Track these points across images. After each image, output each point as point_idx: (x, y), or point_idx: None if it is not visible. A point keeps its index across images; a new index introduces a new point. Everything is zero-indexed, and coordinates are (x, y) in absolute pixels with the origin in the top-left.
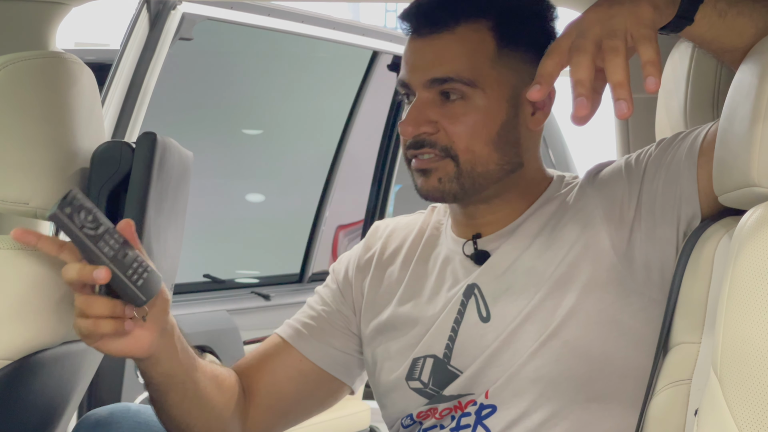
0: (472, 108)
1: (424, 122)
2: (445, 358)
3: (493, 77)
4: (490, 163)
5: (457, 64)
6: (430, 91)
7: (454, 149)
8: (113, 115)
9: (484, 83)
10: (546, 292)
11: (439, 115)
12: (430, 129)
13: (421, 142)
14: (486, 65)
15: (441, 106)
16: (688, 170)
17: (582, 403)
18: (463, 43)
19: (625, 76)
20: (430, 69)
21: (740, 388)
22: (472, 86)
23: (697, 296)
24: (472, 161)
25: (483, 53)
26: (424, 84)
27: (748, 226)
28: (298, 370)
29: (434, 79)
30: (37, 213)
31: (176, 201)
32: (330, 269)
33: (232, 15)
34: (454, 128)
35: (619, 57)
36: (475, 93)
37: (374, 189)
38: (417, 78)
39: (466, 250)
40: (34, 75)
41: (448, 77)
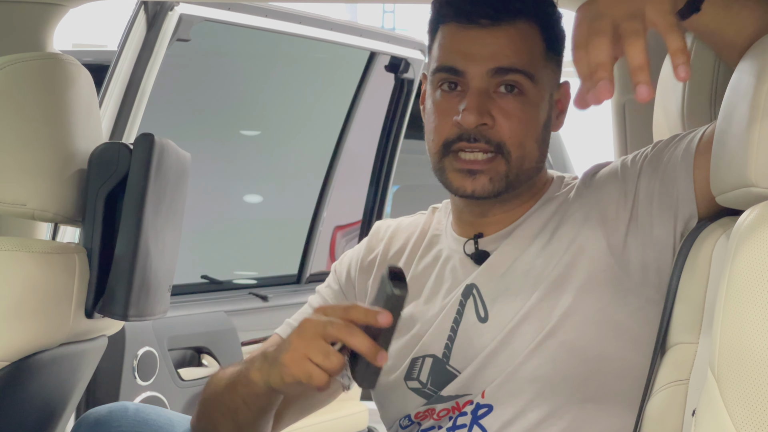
0: (528, 103)
1: (486, 112)
2: (444, 358)
3: (543, 74)
4: (533, 161)
5: (522, 55)
6: (488, 81)
7: (507, 146)
8: (111, 117)
9: (539, 78)
10: (543, 292)
11: (496, 108)
12: (489, 121)
13: (477, 135)
14: (540, 62)
15: (497, 98)
16: (685, 171)
17: (579, 403)
18: (525, 38)
19: (647, 59)
20: (494, 58)
21: (738, 388)
22: (531, 80)
23: (695, 296)
24: (522, 158)
25: (537, 50)
26: (486, 73)
27: (746, 225)
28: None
29: (499, 69)
30: (35, 214)
31: (174, 202)
32: (332, 269)
33: (229, 16)
34: (509, 123)
35: (640, 39)
36: (532, 88)
37: (372, 190)
38: (477, 67)
39: (466, 249)
40: (31, 76)
41: (513, 67)
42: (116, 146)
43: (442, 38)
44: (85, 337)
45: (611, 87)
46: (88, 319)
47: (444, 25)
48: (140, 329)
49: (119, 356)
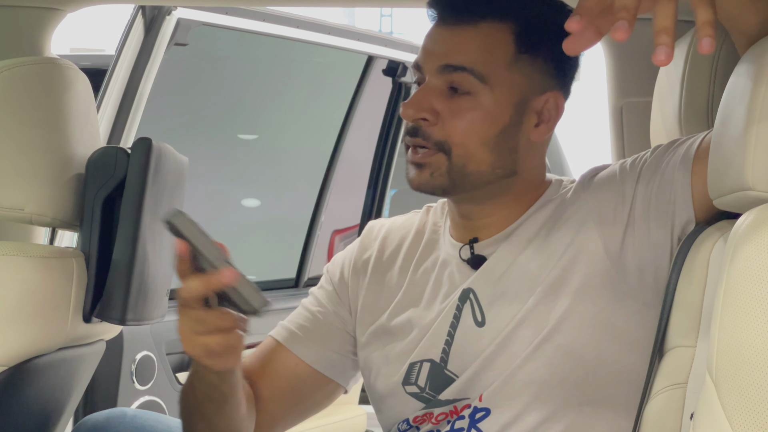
0: (477, 105)
1: (426, 108)
2: (442, 362)
3: (505, 79)
4: (483, 164)
5: (473, 56)
6: (440, 79)
7: (449, 144)
8: (108, 121)
9: (494, 82)
10: (540, 296)
11: (443, 106)
12: (430, 117)
13: (417, 130)
14: (501, 65)
15: (447, 97)
16: (683, 176)
17: (576, 407)
18: (484, 39)
19: (674, 23)
20: (447, 55)
21: (736, 392)
22: (482, 82)
23: (693, 299)
24: (465, 158)
25: (501, 53)
26: (437, 69)
27: (743, 229)
28: (295, 373)
29: (447, 65)
30: (33, 219)
31: (171, 206)
32: (324, 270)
33: (227, 20)
34: (454, 122)
35: (672, 2)
36: (483, 90)
37: (370, 193)
38: (430, 63)
39: (462, 255)
40: (29, 81)
41: (461, 66)
42: (114, 150)
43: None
44: (82, 341)
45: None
46: (85, 323)
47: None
48: (138, 333)
49: (117, 361)
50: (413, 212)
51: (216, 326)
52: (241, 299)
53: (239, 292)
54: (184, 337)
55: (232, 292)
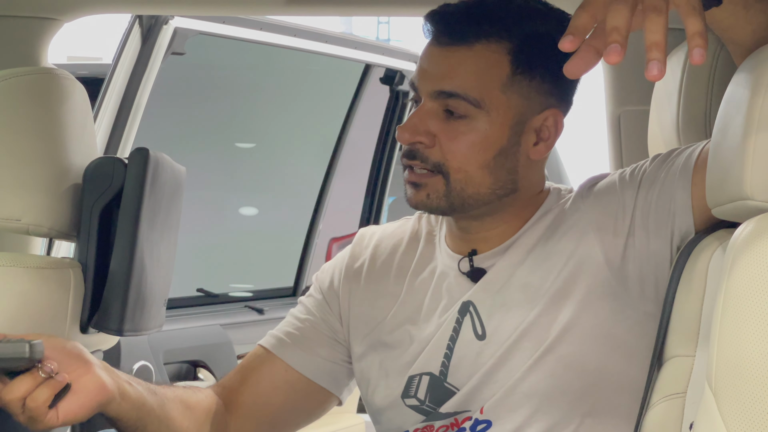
0: (473, 129)
1: (422, 132)
2: (441, 376)
3: (500, 101)
4: (482, 186)
5: (467, 81)
6: (435, 102)
7: (447, 167)
8: (105, 131)
9: (490, 106)
10: (542, 307)
11: (439, 129)
12: (427, 141)
13: (414, 153)
14: (496, 88)
15: (443, 120)
16: (683, 186)
17: (577, 418)
18: (478, 61)
19: (665, 37)
20: (440, 80)
21: (735, 402)
22: (476, 107)
23: (691, 309)
24: (463, 181)
25: (495, 75)
26: (431, 94)
27: (742, 238)
28: (284, 380)
29: (441, 92)
30: (29, 229)
31: (169, 216)
32: (313, 278)
33: (224, 29)
34: (451, 146)
35: (661, 17)
36: (478, 114)
37: (367, 201)
38: (425, 86)
39: (461, 267)
40: (25, 91)
41: (455, 92)
42: (111, 161)
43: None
44: None
45: (622, 52)
46: (83, 334)
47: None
48: (136, 344)
49: None
50: (405, 219)
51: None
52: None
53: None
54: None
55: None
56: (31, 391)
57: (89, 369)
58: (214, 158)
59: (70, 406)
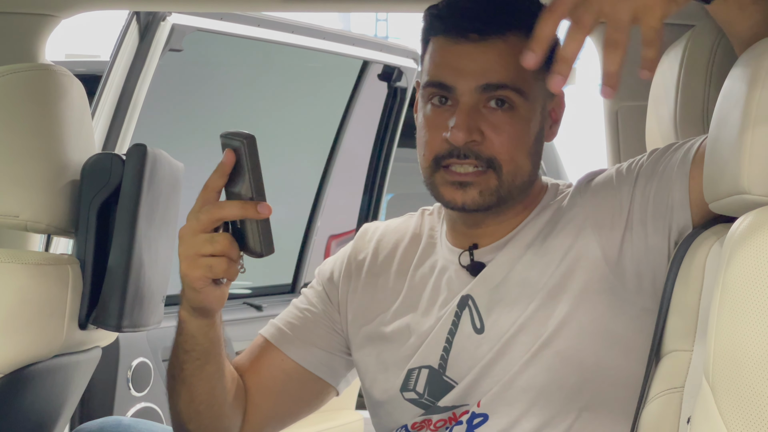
0: (518, 118)
1: (475, 129)
2: (440, 369)
3: (534, 88)
4: (526, 175)
5: (510, 71)
6: (478, 98)
7: (498, 161)
8: (103, 127)
9: (529, 92)
10: (539, 302)
11: (485, 123)
12: (478, 137)
13: (467, 151)
14: (530, 75)
15: (487, 114)
16: (680, 181)
17: (574, 412)
18: (514, 52)
19: (620, 69)
20: (484, 74)
21: (732, 396)
22: (521, 95)
23: (689, 304)
24: (514, 173)
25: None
26: (475, 89)
27: (739, 233)
28: (282, 370)
29: (488, 85)
30: (28, 226)
31: (167, 212)
32: (316, 271)
33: (222, 26)
34: (500, 139)
35: (619, 50)
36: (522, 102)
37: (366, 198)
38: (467, 83)
39: (462, 261)
40: (23, 88)
41: (503, 84)
42: (109, 157)
43: (432, 51)
44: (78, 348)
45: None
46: (81, 330)
47: (435, 37)
48: (134, 340)
49: (113, 367)
50: (408, 215)
51: (224, 251)
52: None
53: (259, 231)
54: (186, 256)
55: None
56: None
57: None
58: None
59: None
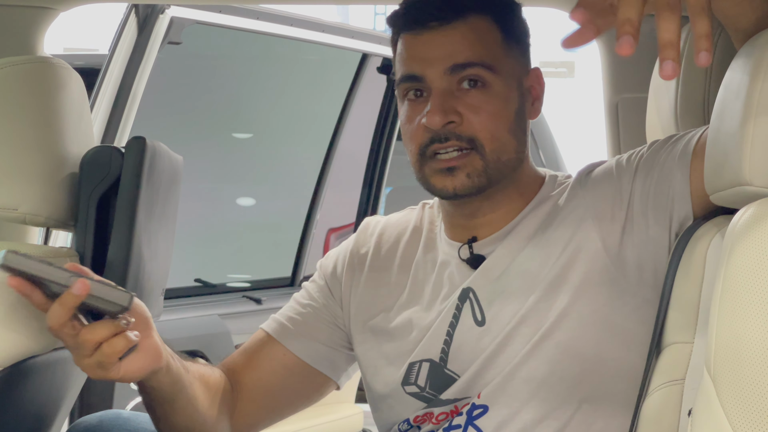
0: (493, 95)
1: (451, 111)
2: (442, 362)
3: (505, 64)
4: (511, 151)
5: (477, 49)
6: (449, 80)
7: (480, 140)
8: (102, 120)
9: (500, 69)
10: (540, 294)
11: (463, 104)
12: (456, 119)
13: (447, 134)
14: (499, 52)
15: (461, 95)
16: (681, 172)
17: (575, 404)
18: (477, 31)
19: (678, 36)
20: (451, 57)
21: (734, 388)
22: (492, 71)
23: (690, 296)
24: (498, 150)
25: (493, 40)
26: (444, 72)
27: (741, 224)
28: (283, 364)
29: (456, 66)
30: (27, 219)
31: (166, 205)
32: (317, 265)
33: (220, 19)
34: (478, 117)
35: (675, 14)
36: (495, 79)
37: (365, 191)
38: (435, 69)
39: (461, 254)
40: (22, 80)
41: (470, 62)
42: (108, 150)
43: (400, 50)
44: None
45: (635, 44)
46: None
47: (400, 37)
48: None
49: None
50: (409, 209)
51: (94, 342)
52: (104, 303)
53: (98, 298)
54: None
55: (92, 301)
56: (108, 338)
57: (151, 333)
58: (212, 148)
59: (133, 364)
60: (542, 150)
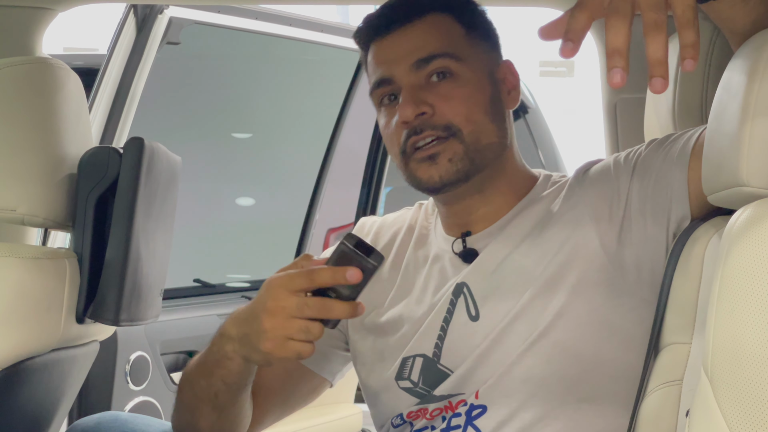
0: (462, 83)
1: (422, 102)
2: (435, 357)
3: (471, 53)
4: (491, 135)
5: (438, 41)
6: (416, 75)
7: (456, 124)
8: (101, 121)
9: (466, 57)
10: (535, 291)
11: (433, 96)
12: (428, 110)
13: (421, 125)
14: (462, 42)
15: (431, 88)
16: (680, 172)
17: (573, 404)
18: (437, 26)
19: (666, 54)
20: (413, 52)
21: (731, 389)
22: (457, 60)
23: (688, 296)
24: (476, 132)
25: (455, 33)
26: (410, 68)
27: (738, 225)
28: (283, 367)
29: (420, 60)
30: (25, 219)
31: (164, 205)
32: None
33: (219, 19)
34: (450, 105)
35: (662, 34)
36: (461, 67)
37: (364, 191)
38: (401, 67)
39: (455, 248)
40: (20, 81)
41: (433, 54)
42: (106, 150)
43: (369, 60)
44: (76, 342)
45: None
46: (79, 324)
47: (368, 47)
48: (132, 334)
49: (111, 361)
50: (405, 209)
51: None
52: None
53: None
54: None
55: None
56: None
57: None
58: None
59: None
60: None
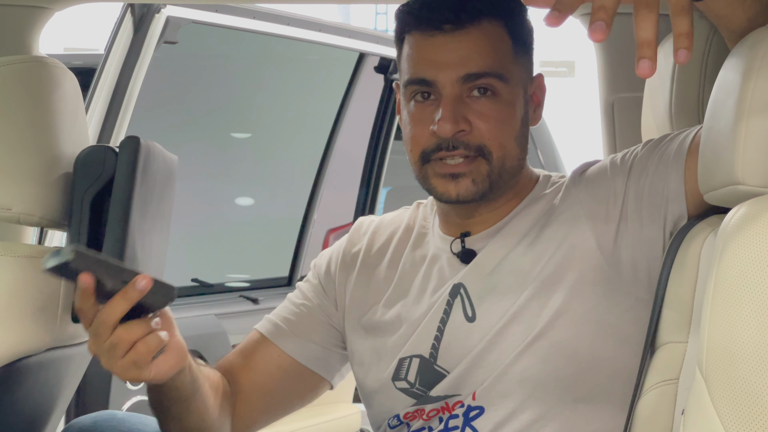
0: (502, 103)
1: (462, 120)
2: (432, 358)
3: (513, 72)
4: (515, 159)
5: (490, 58)
6: (461, 88)
7: (488, 147)
8: (98, 120)
9: (510, 78)
10: (532, 292)
11: (471, 113)
12: (466, 127)
13: (455, 143)
14: (509, 60)
15: (471, 103)
16: (676, 171)
17: (570, 404)
18: (490, 38)
19: (655, 34)
20: (465, 64)
21: (726, 388)
22: (503, 81)
23: (684, 295)
24: (503, 158)
25: (505, 48)
26: (456, 80)
27: (733, 223)
28: (278, 366)
29: (469, 75)
30: (20, 218)
31: (161, 205)
32: (311, 264)
33: (217, 18)
34: (487, 125)
35: (653, 13)
36: (504, 88)
37: (363, 191)
38: (448, 75)
39: (453, 248)
40: (15, 80)
41: (483, 72)
42: (102, 149)
43: (408, 49)
44: (72, 341)
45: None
46: (75, 323)
47: (409, 34)
48: None
49: None
50: (403, 208)
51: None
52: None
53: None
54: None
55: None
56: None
57: (175, 331)
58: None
59: (164, 364)
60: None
